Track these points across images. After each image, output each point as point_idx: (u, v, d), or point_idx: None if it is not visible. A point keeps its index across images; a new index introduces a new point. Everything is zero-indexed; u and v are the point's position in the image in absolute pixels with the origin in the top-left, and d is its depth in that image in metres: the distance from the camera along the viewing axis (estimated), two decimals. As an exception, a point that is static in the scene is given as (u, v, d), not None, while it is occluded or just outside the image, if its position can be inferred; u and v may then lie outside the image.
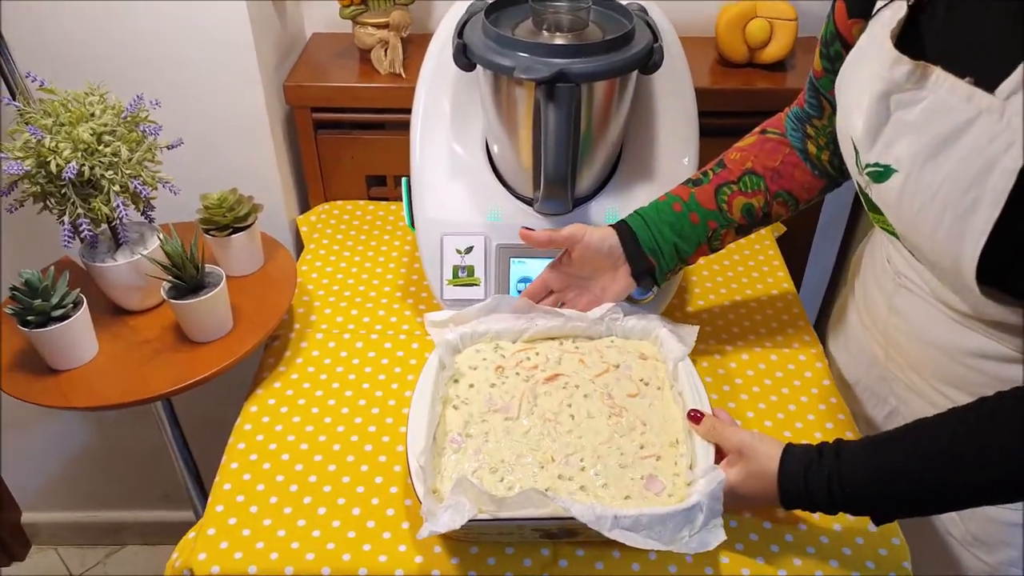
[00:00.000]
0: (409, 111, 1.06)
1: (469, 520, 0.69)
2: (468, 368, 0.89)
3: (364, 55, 1.29)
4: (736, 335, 1.06)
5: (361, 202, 1.32)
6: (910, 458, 0.67)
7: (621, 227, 0.92)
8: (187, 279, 0.94)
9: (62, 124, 0.89)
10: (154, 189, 0.95)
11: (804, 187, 0.92)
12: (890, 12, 0.71)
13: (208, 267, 0.97)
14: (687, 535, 0.71)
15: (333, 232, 1.25)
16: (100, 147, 0.89)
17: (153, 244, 0.99)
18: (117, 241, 0.98)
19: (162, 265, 0.93)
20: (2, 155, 0.88)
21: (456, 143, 1.04)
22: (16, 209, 0.93)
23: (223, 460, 0.89)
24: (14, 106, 0.91)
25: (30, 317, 0.88)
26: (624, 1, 0.96)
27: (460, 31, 0.92)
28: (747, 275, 1.17)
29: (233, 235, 1.03)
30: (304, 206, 1.39)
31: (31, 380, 0.92)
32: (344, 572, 0.78)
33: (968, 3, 0.65)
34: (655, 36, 0.92)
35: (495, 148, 1.02)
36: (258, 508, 0.84)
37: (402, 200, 1.07)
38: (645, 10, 0.97)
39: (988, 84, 0.60)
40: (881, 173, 0.71)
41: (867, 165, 0.72)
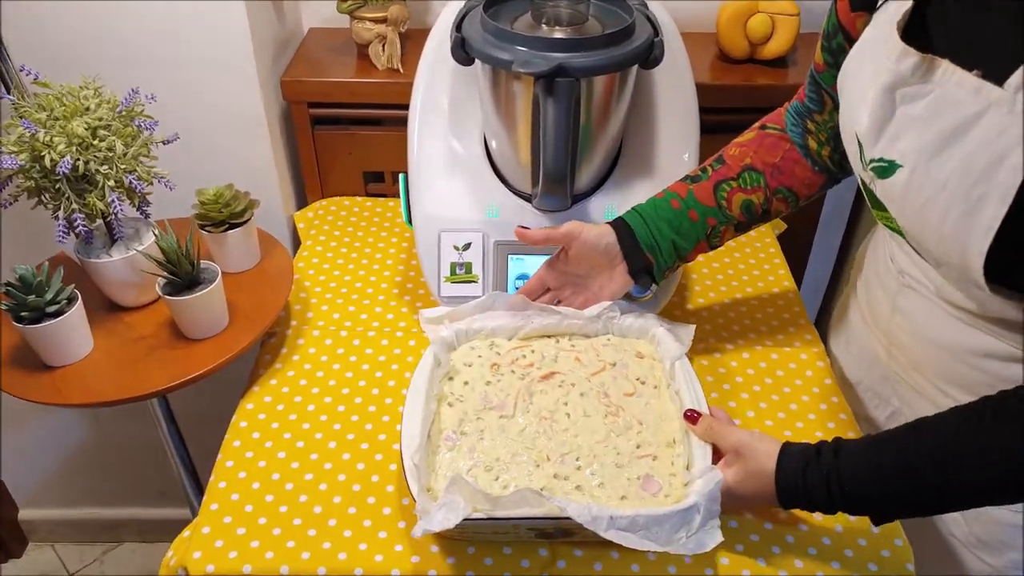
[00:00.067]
0: (407, 107, 1.05)
1: (463, 519, 0.68)
2: (463, 365, 0.89)
3: (362, 50, 1.28)
4: (736, 333, 1.06)
5: (358, 198, 1.31)
6: (910, 457, 0.66)
7: (618, 224, 0.91)
8: (183, 275, 0.93)
9: (56, 118, 0.88)
10: (149, 184, 0.94)
11: (804, 183, 0.91)
12: (896, 5, 0.70)
13: (204, 263, 0.97)
14: (684, 536, 0.71)
15: (330, 228, 1.24)
16: (95, 142, 0.89)
17: (148, 240, 0.98)
18: (112, 237, 0.97)
19: (157, 261, 0.93)
20: (-4, 150, 0.87)
21: (454, 139, 1.04)
22: (10, 204, 0.92)
23: (218, 458, 0.89)
24: (8, 100, 0.91)
25: (24, 313, 0.88)
26: (624, -4, 0.96)
27: (458, 25, 0.92)
28: (747, 273, 1.16)
29: (229, 231, 1.03)
30: (301, 202, 1.38)
31: (26, 377, 0.91)
32: (340, 571, 0.77)
33: None
34: (656, 31, 0.91)
35: (493, 144, 1.02)
36: (253, 506, 0.83)
37: (400, 196, 1.06)
38: (646, 4, 0.96)
39: (997, 77, 0.60)
40: (886, 168, 0.70)
41: (871, 160, 0.71)
